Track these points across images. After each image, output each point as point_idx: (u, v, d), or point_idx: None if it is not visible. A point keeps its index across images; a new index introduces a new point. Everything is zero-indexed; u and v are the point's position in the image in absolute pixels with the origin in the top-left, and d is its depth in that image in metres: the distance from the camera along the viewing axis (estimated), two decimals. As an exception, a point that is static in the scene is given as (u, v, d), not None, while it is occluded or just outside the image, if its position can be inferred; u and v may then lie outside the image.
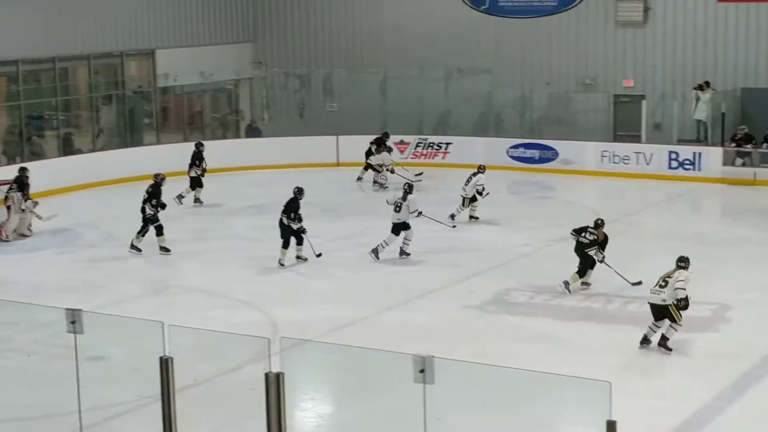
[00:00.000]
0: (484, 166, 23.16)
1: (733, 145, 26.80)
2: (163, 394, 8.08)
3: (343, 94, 33.28)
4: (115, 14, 29.89)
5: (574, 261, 18.01)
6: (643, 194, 25.66)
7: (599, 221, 17.59)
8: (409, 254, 19.60)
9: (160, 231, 20.12)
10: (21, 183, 21.85)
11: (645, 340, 14.40)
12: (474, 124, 30.51)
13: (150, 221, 20.08)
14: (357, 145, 29.92)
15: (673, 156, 27.18)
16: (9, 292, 16.59)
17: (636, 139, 28.46)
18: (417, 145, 30.05)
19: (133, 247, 20.13)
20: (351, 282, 18.29)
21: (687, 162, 26.51)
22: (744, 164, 26.61)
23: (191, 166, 24.89)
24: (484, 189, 22.65)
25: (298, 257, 19.14)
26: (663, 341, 14.29)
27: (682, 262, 14.58)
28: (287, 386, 7.92)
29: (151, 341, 8.50)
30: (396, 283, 18.00)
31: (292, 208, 18.97)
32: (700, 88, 27.90)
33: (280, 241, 18.94)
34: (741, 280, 17.63)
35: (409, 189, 20.09)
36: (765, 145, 26.54)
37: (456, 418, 11.36)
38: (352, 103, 32.89)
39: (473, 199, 22.69)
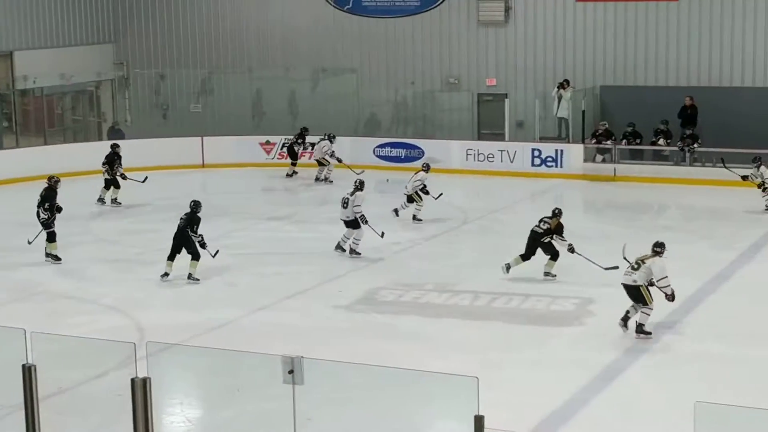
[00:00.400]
0: (428, 165, 23.07)
1: (594, 141, 27.41)
2: (26, 403, 7.88)
3: (207, 94, 33.01)
4: (-30, 15, 29.13)
5: (442, 259, 18.22)
6: (507, 191, 26.08)
7: (556, 211, 17.89)
8: (359, 254, 19.35)
9: (51, 238, 19.36)
10: None
11: (625, 318, 14.81)
12: (340, 123, 30.55)
13: (44, 226, 19.40)
14: (222, 146, 29.75)
15: (536, 153, 27.66)
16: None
17: (500, 137, 28.88)
18: (283, 146, 29.92)
19: (48, 255, 19.42)
20: (220, 284, 18.13)
21: (549, 159, 27.02)
22: (604, 160, 27.24)
23: (108, 165, 24.42)
24: (425, 188, 22.42)
25: (190, 276, 17.97)
26: (639, 328, 14.67)
27: (658, 248, 14.99)
28: (155, 391, 7.81)
29: (13, 349, 8.28)
30: (265, 285, 17.91)
31: (194, 221, 18.00)
32: (561, 86, 28.47)
33: (167, 254, 18.33)
34: (603, 275, 17.98)
35: (360, 186, 19.75)
36: (624, 141, 27.21)
37: (327, 418, 11.35)
38: (216, 104, 32.65)
39: (411, 200, 22.46)
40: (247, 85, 32.56)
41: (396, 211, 22.29)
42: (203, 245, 17.97)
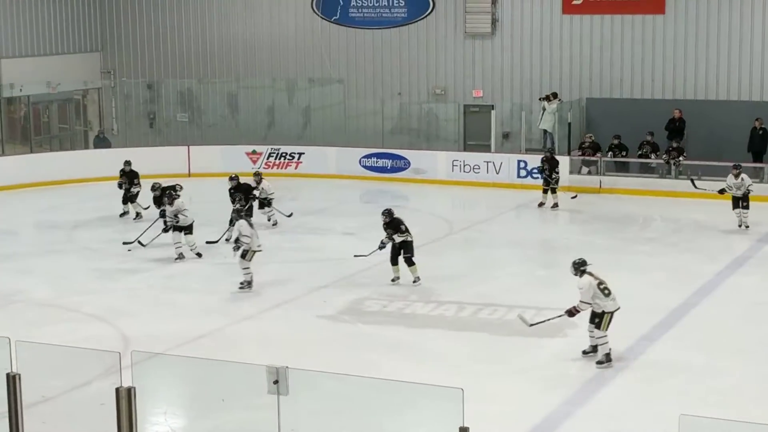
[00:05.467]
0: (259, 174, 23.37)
1: (580, 153, 27.49)
2: (10, 411, 7.86)
3: (193, 104, 33.02)
4: (-43, 22, 29.05)
5: (427, 269, 18.23)
6: (493, 202, 26.12)
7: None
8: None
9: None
10: None
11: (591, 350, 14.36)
12: (326, 133, 30.58)
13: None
14: (209, 155, 29.76)
15: (522, 165, 27.72)
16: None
17: (486, 148, 28.97)
18: (269, 155, 29.96)
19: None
20: (204, 293, 18.11)
21: (535, 171, 27.06)
22: (590, 172, 27.31)
23: (136, 184, 24.22)
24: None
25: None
26: (600, 358, 14.15)
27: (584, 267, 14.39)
28: (139, 400, 7.80)
29: (-3, 358, 8.27)
30: (250, 294, 17.89)
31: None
32: (547, 98, 28.56)
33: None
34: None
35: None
36: (610, 153, 27.30)
37: (311, 429, 11.34)
38: (203, 114, 32.66)
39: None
40: (233, 94, 32.57)
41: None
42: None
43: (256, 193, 22.26)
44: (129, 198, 24.25)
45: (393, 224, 18.19)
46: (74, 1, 32.66)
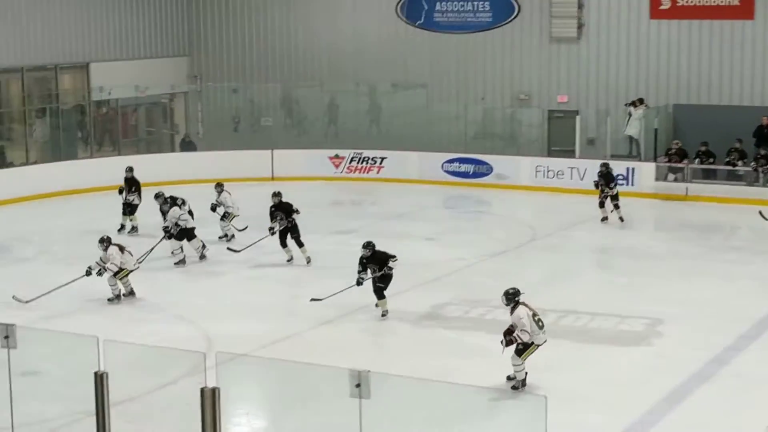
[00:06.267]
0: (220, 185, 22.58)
1: (666, 160, 27.17)
2: (97, 410, 7.99)
3: (278, 108, 33.26)
4: (49, 27, 29.59)
5: (509, 275, 18.15)
6: (576, 209, 25.87)
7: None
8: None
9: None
10: None
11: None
12: (408, 138, 30.59)
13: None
14: (292, 159, 29.97)
15: (607, 171, 27.42)
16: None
17: (570, 154, 28.75)
18: (352, 160, 30.08)
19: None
20: (287, 296, 18.24)
21: (620, 177, 26.76)
22: (676, 179, 26.96)
23: (132, 191, 23.34)
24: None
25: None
26: (515, 384, 13.45)
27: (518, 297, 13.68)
28: (222, 401, 7.87)
29: (86, 356, 8.40)
30: (330, 298, 17.94)
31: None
32: (633, 104, 28.28)
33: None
34: (673, 294, 17.84)
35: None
36: (697, 160, 26.94)
37: (392, 433, 11.36)
38: (287, 118, 32.86)
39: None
40: (318, 98, 32.76)
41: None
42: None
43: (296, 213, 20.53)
44: (128, 209, 23.22)
45: (376, 257, 16.69)
46: (163, 7, 33.13)
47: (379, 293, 16.67)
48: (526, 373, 13.35)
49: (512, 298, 13.64)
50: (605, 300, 17.70)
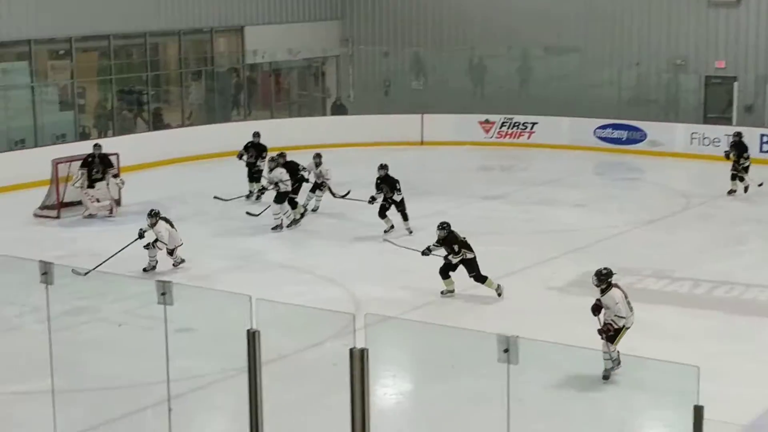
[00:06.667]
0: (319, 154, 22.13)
1: (828, 128, 26.25)
2: (249, 367, 8.13)
3: (428, 72, 33.24)
4: (206, -9, 30.16)
5: (659, 245, 17.83)
6: (732, 178, 25.22)
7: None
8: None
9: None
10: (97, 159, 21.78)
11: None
12: (560, 103, 30.19)
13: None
14: (442, 123, 29.95)
15: (765, 139, 26.67)
16: (96, 263, 16.75)
17: (727, 121, 28.00)
18: (502, 125, 29.89)
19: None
20: (434, 260, 18.24)
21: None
22: (838, 148, 26.03)
23: (259, 157, 23.28)
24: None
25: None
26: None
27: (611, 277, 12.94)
28: (371, 362, 7.93)
29: (238, 314, 8.57)
30: (479, 263, 17.90)
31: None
32: (794, 70, 27.39)
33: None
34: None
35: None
36: None
37: (539, 400, 11.32)
38: (437, 82, 32.80)
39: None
40: (467, 62, 32.60)
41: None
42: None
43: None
44: (254, 175, 23.17)
45: (447, 241, 16.19)
46: (316, -30, 33.39)
47: (479, 280, 16.12)
48: (619, 352, 12.57)
49: (605, 279, 12.92)
50: (762, 271, 17.23)
